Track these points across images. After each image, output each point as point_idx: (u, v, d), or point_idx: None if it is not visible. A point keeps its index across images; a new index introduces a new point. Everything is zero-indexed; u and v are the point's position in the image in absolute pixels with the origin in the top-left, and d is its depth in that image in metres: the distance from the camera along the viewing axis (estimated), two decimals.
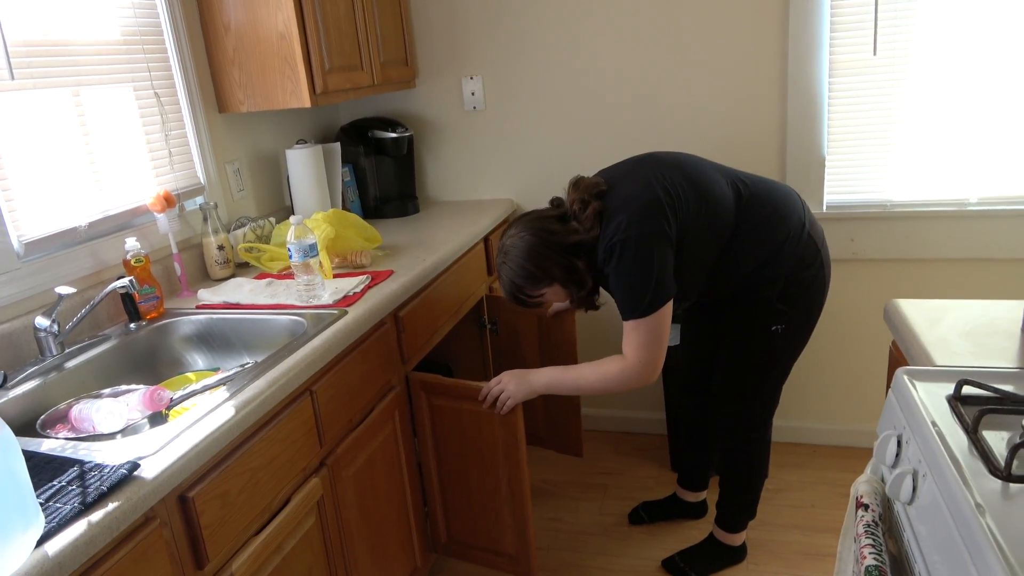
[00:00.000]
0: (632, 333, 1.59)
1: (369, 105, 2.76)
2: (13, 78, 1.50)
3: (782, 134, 2.39)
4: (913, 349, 1.24)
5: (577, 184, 1.64)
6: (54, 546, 0.87)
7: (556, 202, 1.68)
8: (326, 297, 1.70)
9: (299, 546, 1.37)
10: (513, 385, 1.69)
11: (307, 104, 2.01)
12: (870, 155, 2.33)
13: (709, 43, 2.37)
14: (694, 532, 2.22)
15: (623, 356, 1.62)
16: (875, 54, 2.24)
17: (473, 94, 2.64)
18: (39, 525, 0.87)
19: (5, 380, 1.28)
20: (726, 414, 1.90)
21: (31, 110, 1.55)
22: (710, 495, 2.30)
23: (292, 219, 1.67)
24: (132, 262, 1.65)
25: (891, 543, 1.01)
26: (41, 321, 1.44)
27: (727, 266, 1.69)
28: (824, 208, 2.40)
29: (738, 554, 2.05)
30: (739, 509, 1.99)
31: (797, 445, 2.64)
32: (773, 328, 1.72)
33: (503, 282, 1.65)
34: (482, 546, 1.91)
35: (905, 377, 1.09)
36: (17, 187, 1.51)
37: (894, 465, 1.05)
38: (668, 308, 1.57)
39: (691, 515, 2.27)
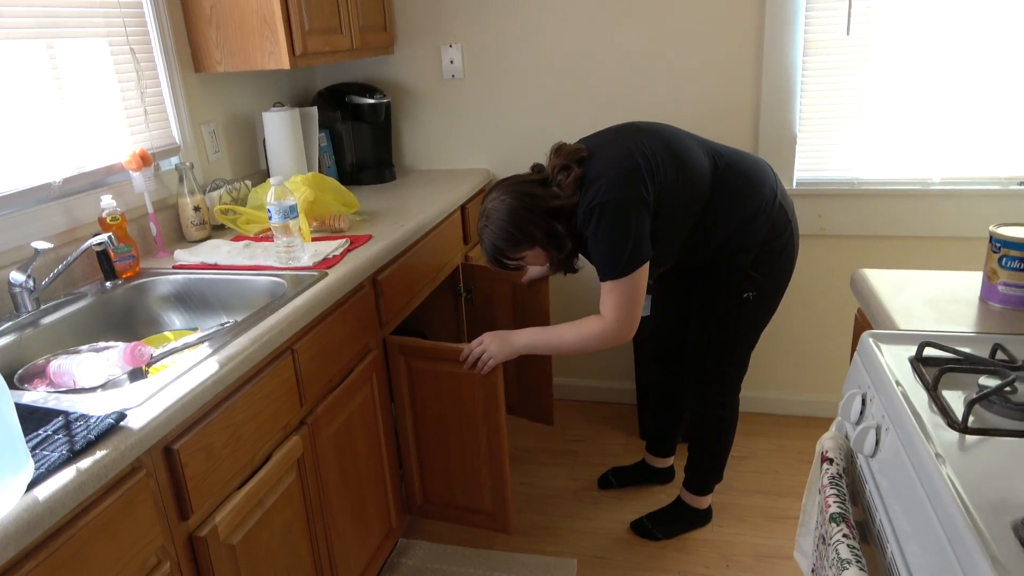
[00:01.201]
0: (610, 294, 1.63)
1: (346, 71, 2.74)
2: None
3: (756, 111, 2.43)
4: (878, 315, 1.29)
5: (559, 150, 1.66)
6: (44, 491, 0.88)
7: (537, 167, 1.70)
8: (305, 259, 1.70)
9: (280, 502, 1.39)
10: (495, 346, 1.72)
11: (286, 65, 1.99)
12: (840, 133, 2.39)
13: (687, 16, 2.39)
14: (662, 496, 2.28)
15: (601, 316, 1.66)
16: (848, 34, 2.29)
17: (452, 62, 2.63)
18: (29, 470, 0.88)
19: None
20: (697, 380, 1.96)
21: (3, 62, 1.51)
22: (677, 461, 2.37)
23: (272, 180, 1.67)
24: (108, 220, 1.63)
25: (855, 510, 1.07)
26: (16, 276, 1.43)
27: (702, 234, 1.73)
28: (794, 184, 2.45)
29: (704, 517, 2.13)
30: (706, 473, 2.06)
31: (760, 415, 2.72)
32: (745, 295, 1.77)
33: (484, 245, 1.67)
34: (459, 505, 1.95)
35: (871, 340, 1.14)
36: None
37: (858, 422, 1.10)
38: (644, 270, 1.61)
39: (659, 480, 2.34)
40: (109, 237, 1.49)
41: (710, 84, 2.44)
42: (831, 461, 1.09)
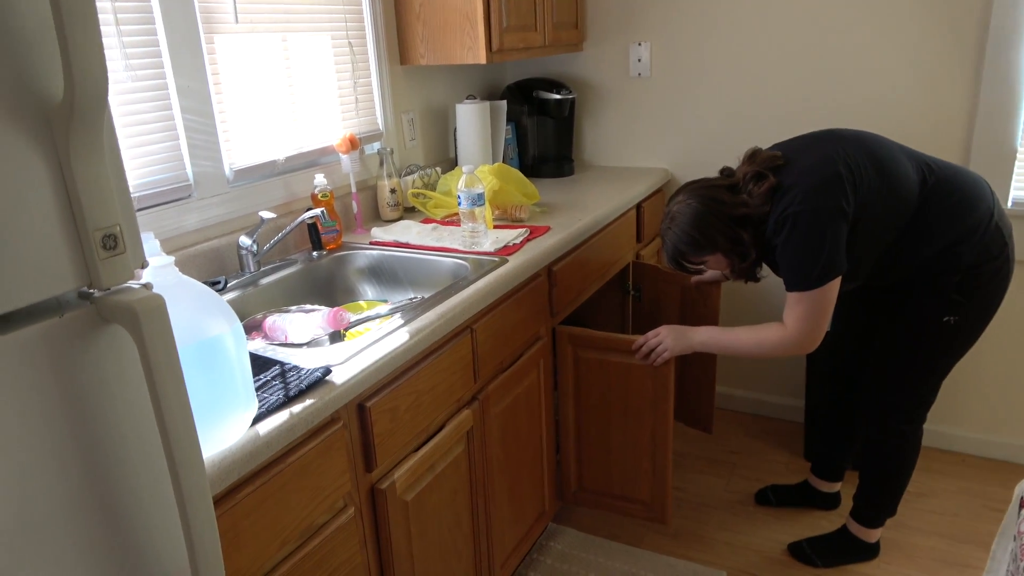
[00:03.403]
0: (796, 305, 1.58)
1: (535, 66, 2.82)
2: (237, 22, 1.68)
3: (970, 121, 2.23)
4: None
5: (753, 156, 1.62)
6: (263, 428, 1.01)
7: (727, 172, 1.68)
8: (487, 245, 1.79)
9: (448, 469, 1.48)
10: (671, 339, 1.73)
11: (483, 61, 2.10)
12: None
13: (897, 20, 2.23)
14: (823, 522, 2.17)
15: (783, 325, 1.61)
16: None
17: (639, 61, 2.63)
18: (253, 408, 1.02)
19: (225, 284, 1.47)
20: (880, 405, 1.83)
21: (247, 52, 1.72)
22: (845, 488, 2.24)
23: (464, 168, 1.77)
24: (319, 196, 1.82)
25: None
26: (244, 240, 1.63)
27: (902, 251, 1.62)
28: (1010, 204, 2.22)
29: (870, 551, 1.99)
30: (879, 505, 1.93)
31: (944, 452, 2.50)
32: (945, 319, 1.64)
33: (666, 246, 1.68)
34: (615, 494, 1.98)
35: None
36: (232, 120, 1.69)
37: None
38: (835, 284, 1.54)
39: (822, 505, 2.22)
40: (322, 212, 1.65)
41: (919, 90, 2.27)
42: None
